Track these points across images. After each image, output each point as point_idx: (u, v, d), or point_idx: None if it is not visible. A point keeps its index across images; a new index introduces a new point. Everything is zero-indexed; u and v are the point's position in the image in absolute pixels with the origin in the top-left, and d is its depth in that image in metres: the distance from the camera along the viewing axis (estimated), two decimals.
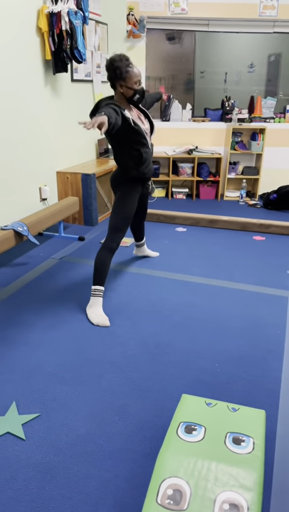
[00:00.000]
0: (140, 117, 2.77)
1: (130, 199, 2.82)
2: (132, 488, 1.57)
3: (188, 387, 2.10)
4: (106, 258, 2.75)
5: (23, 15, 3.49)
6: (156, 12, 5.31)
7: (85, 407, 1.96)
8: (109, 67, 2.54)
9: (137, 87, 2.59)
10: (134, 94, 2.60)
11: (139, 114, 2.79)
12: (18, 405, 1.96)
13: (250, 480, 1.35)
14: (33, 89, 3.78)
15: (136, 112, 2.76)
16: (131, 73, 2.53)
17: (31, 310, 2.80)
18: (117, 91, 2.62)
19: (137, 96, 2.61)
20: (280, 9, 5.26)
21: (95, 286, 2.75)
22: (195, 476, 1.36)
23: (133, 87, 2.58)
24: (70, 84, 4.40)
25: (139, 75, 2.57)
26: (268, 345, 2.47)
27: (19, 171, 3.75)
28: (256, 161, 5.88)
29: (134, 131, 2.61)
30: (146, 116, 2.81)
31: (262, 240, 4.25)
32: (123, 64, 2.51)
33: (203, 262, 3.64)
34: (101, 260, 2.74)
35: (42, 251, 3.80)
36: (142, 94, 2.62)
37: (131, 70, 2.54)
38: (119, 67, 2.51)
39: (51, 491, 1.55)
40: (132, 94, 2.60)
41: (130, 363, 2.28)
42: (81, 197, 4.39)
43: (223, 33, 5.68)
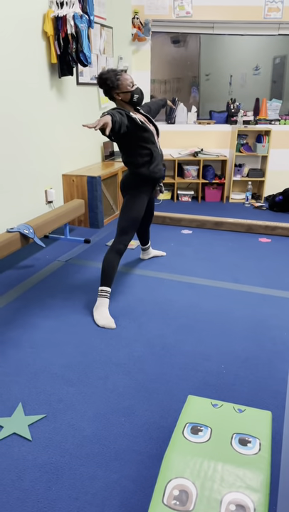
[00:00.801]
0: (146, 120, 2.81)
1: (139, 202, 2.84)
2: (138, 489, 1.57)
3: (194, 389, 2.10)
4: (114, 260, 2.77)
5: (28, 19, 3.52)
6: (161, 15, 5.33)
7: (91, 408, 1.96)
8: (101, 81, 2.64)
9: (132, 88, 2.66)
10: (132, 96, 2.67)
11: (144, 119, 2.82)
12: (25, 406, 1.97)
13: (257, 481, 1.35)
14: (39, 92, 3.80)
15: (141, 116, 2.80)
16: (121, 79, 2.62)
17: (37, 312, 2.81)
18: (117, 100, 2.71)
19: (136, 96, 2.68)
20: (285, 11, 5.26)
21: (102, 287, 2.76)
22: (201, 476, 1.36)
23: (128, 90, 2.65)
24: (75, 87, 4.42)
25: (130, 78, 2.65)
26: (274, 346, 2.46)
27: (25, 174, 3.78)
28: (262, 163, 5.88)
29: (142, 129, 2.67)
30: (150, 121, 2.86)
31: (268, 241, 4.24)
32: (111, 74, 2.61)
33: (209, 264, 3.63)
34: (109, 262, 2.76)
35: (48, 253, 3.82)
36: (140, 93, 2.69)
37: (120, 76, 2.62)
38: (109, 78, 2.60)
39: (58, 492, 1.55)
40: (130, 96, 2.67)
41: (136, 364, 2.28)
42: (87, 199, 4.40)
43: (228, 36, 5.69)
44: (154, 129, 2.84)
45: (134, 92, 2.66)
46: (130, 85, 2.65)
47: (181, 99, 5.83)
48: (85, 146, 4.80)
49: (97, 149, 5.11)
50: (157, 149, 2.82)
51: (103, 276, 2.77)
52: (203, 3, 5.26)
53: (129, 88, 2.65)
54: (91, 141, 4.92)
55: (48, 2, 3.73)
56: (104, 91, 2.68)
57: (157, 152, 2.81)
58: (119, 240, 2.80)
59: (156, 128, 2.86)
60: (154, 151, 2.77)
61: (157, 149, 2.82)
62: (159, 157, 2.83)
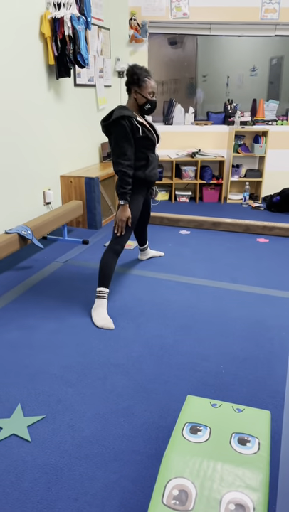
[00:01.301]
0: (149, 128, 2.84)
1: (135, 203, 2.85)
2: (138, 490, 1.57)
3: (193, 389, 2.10)
4: (111, 260, 2.78)
5: (26, 20, 3.53)
6: (158, 17, 5.35)
7: (90, 409, 1.96)
8: (129, 72, 2.68)
9: (150, 97, 2.70)
10: (145, 103, 2.72)
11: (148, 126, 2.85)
12: (24, 407, 1.97)
13: (256, 480, 1.35)
14: (37, 93, 3.81)
15: (145, 123, 2.84)
16: (147, 83, 2.66)
17: (36, 313, 2.81)
18: (131, 97, 2.74)
19: (148, 106, 2.73)
20: (282, 12, 5.28)
21: (99, 288, 2.77)
22: (200, 476, 1.36)
23: (146, 97, 2.69)
24: (73, 88, 4.43)
25: (154, 87, 2.70)
26: (272, 346, 2.47)
27: (23, 175, 3.78)
28: (259, 163, 5.89)
29: (144, 138, 2.70)
30: (153, 128, 2.91)
31: (265, 242, 4.25)
32: (142, 72, 2.65)
33: (207, 265, 3.64)
34: (106, 262, 2.77)
35: (46, 254, 3.82)
36: (153, 106, 2.74)
37: (148, 80, 2.66)
38: (138, 74, 2.65)
39: (57, 493, 1.55)
40: (144, 102, 2.71)
41: (135, 364, 2.29)
42: (85, 200, 4.41)
43: (225, 37, 5.71)
44: (156, 137, 2.89)
45: (149, 102, 2.71)
46: (151, 94, 2.70)
47: (178, 100, 5.84)
48: (83, 147, 4.81)
49: (95, 150, 5.12)
50: (154, 155, 2.87)
51: (101, 277, 2.77)
52: (200, 4, 5.28)
53: (148, 96, 2.69)
54: (89, 143, 4.93)
55: (45, 4, 3.74)
56: (126, 81, 2.73)
57: (154, 157, 2.85)
58: (116, 241, 2.80)
59: (157, 136, 2.92)
60: (151, 156, 2.81)
61: (154, 155, 2.87)
62: (155, 162, 2.87)
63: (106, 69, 5.10)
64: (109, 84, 5.25)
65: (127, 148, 2.64)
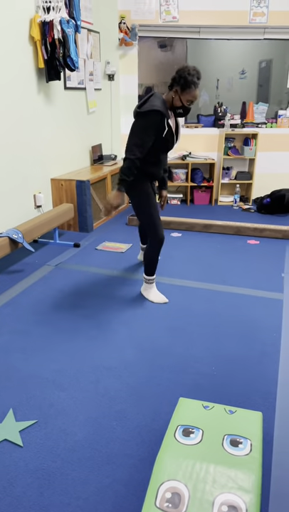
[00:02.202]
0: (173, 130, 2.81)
1: (143, 195, 2.84)
2: (131, 493, 1.57)
3: (186, 391, 2.11)
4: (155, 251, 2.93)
5: (15, 24, 3.52)
6: (148, 20, 5.37)
7: (83, 413, 1.96)
8: (180, 72, 2.60)
9: (187, 104, 2.68)
10: (179, 107, 2.69)
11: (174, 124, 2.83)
12: (15, 412, 1.95)
13: (249, 482, 1.36)
14: (27, 97, 3.80)
15: (173, 121, 2.79)
16: (191, 91, 2.61)
17: (27, 317, 2.80)
18: (170, 93, 2.68)
19: (180, 111, 2.71)
20: (270, 16, 5.33)
21: (148, 277, 3.03)
22: (193, 478, 1.36)
23: (184, 102, 2.66)
24: (63, 92, 4.42)
25: (195, 97, 2.66)
26: (264, 347, 2.48)
27: (13, 179, 3.76)
28: (249, 166, 5.93)
29: (164, 140, 2.69)
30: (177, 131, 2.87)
31: (256, 243, 4.27)
32: (192, 79, 2.58)
33: (199, 267, 3.65)
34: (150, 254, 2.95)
35: (37, 258, 3.80)
36: (185, 113, 2.73)
37: (193, 89, 2.61)
38: (186, 79, 2.57)
39: (49, 497, 1.54)
40: (179, 106, 2.68)
41: (127, 368, 2.28)
42: (76, 204, 4.40)
43: (214, 40, 5.75)
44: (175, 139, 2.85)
45: (183, 108, 2.68)
46: (188, 102, 2.66)
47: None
48: (74, 150, 4.80)
49: (86, 153, 5.12)
50: (165, 156, 2.88)
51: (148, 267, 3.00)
52: (190, 8, 5.31)
53: (185, 102, 2.66)
54: (80, 146, 4.92)
55: (34, 7, 3.73)
56: (173, 77, 2.65)
57: (163, 158, 2.86)
58: (153, 233, 2.88)
59: (177, 139, 2.87)
60: (162, 156, 2.83)
61: (165, 156, 2.88)
62: (163, 162, 2.88)
63: (96, 72, 5.11)
64: (99, 87, 5.26)
65: (145, 141, 2.63)
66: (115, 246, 4.13)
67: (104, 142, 5.62)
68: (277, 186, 5.87)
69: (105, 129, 5.60)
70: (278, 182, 5.93)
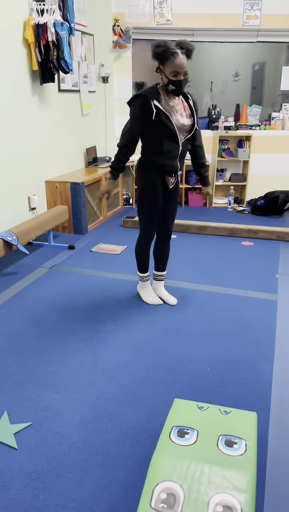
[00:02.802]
0: (181, 111, 2.57)
1: (146, 189, 2.70)
2: (126, 494, 1.56)
3: (181, 392, 2.11)
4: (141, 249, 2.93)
5: (9, 26, 3.52)
6: (142, 23, 5.39)
7: (78, 415, 1.95)
8: (155, 48, 2.41)
9: (172, 77, 2.41)
10: (168, 84, 2.45)
11: (185, 108, 2.59)
12: (10, 415, 1.95)
13: (243, 482, 1.36)
14: (21, 99, 3.80)
15: (181, 104, 2.57)
16: (172, 60, 2.37)
17: (22, 319, 2.79)
18: (159, 77, 2.52)
19: (172, 87, 2.44)
20: (263, 19, 5.36)
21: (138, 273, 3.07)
22: (188, 479, 1.36)
23: (169, 77, 2.42)
24: (57, 94, 4.43)
25: (179, 66, 2.38)
26: (258, 348, 2.49)
27: (7, 181, 3.76)
28: (243, 167, 5.95)
29: (158, 122, 2.48)
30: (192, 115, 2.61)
31: (250, 245, 4.29)
32: (170, 47, 2.37)
33: (193, 268, 3.66)
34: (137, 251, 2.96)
35: (32, 260, 3.80)
36: (177, 88, 2.44)
37: (173, 57, 2.37)
38: (163, 48, 2.37)
39: (45, 500, 1.54)
40: (167, 83, 2.46)
41: (122, 369, 2.29)
42: (70, 206, 4.40)
43: (208, 43, 5.77)
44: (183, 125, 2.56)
45: (172, 83, 2.43)
46: (173, 74, 2.40)
47: None
48: (68, 152, 4.80)
49: (80, 155, 5.12)
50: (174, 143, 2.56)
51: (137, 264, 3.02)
52: (183, 11, 5.34)
53: (170, 76, 2.41)
54: (74, 148, 4.92)
55: (28, 9, 3.74)
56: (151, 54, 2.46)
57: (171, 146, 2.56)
58: (141, 233, 2.88)
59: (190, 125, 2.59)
60: (167, 144, 2.54)
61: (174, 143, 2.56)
62: (172, 152, 2.58)
63: (90, 74, 5.11)
64: (93, 89, 5.27)
65: (132, 128, 2.53)
66: (110, 248, 4.13)
67: (99, 144, 5.62)
68: (271, 188, 5.90)
69: (100, 132, 5.61)
70: (272, 184, 5.97)
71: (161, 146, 2.55)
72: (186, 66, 2.42)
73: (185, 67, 2.41)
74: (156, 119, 2.48)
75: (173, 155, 2.61)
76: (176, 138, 2.56)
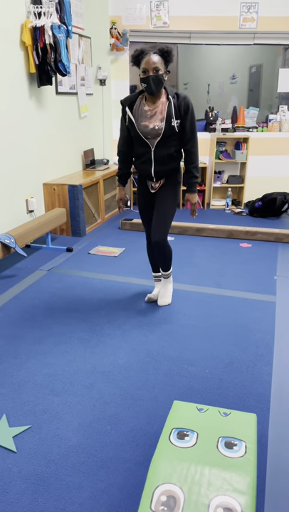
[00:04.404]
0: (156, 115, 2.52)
1: (138, 192, 2.86)
2: (126, 497, 1.56)
3: (180, 394, 2.10)
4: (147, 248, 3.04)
5: (6, 29, 3.52)
6: (139, 25, 5.40)
7: (77, 418, 1.94)
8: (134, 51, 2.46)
9: (142, 75, 2.43)
10: (141, 81, 2.45)
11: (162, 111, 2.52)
12: (9, 418, 1.94)
13: (244, 483, 1.35)
14: (18, 102, 3.80)
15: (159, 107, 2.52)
16: (143, 60, 2.40)
17: (20, 322, 2.78)
18: None
19: (143, 85, 2.44)
20: (260, 21, 5.38)
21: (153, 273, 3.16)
22: (188, 481, 1.36)
23: (140, 76, 2.45)
24: (54, 96, 4.43)
25: (146, 62, 2.38)
26: (257, 350, 2.49)
27: (5, 184, 3.75)
28: (241, 169, 5.96)
29: (131, 128, 2.59)
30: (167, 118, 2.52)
31: (248, 246, 4.29)
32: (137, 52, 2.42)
33: (192, 270, 3.66)
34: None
35: (30, 263, 3.79)
36: (147, 85, 2.42)
37: (144, 57, 2.40)
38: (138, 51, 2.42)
39: (44, 503, 1.53)
40: (140, 81, 2.46)
41: (121, 372, 2.28)
42: (68, 208, 4.40)
43: (204, 46, 5.79)
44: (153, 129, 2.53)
45: (141, 80, 2.44)
46: (142, 71, 2.41)
47: None
48: (66, 154, 4.80)
49: (78, 158, 5.12)
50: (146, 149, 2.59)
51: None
52: (180, 13, 5.35)
53: (141, 75, 2.43)
54: (72, 150, 4.92)
55: (25, 12, 3.74)
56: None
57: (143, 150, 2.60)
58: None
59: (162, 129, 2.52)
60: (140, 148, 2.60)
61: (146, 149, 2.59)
62: (144, 156, 2.61)
63: (87, 77, 5.12)
64: (91, 92, 5.27)
65: (120, 133, 2.68)
66: (108, 250, 4.13)
67: (96, 147, 5.63)
68: (269, 190, 5.92)
69: (97, 134, 5.61)
70: (270, 185, 5.98)
71: (138, 150, 2.65)
72: (157, 63, 2.40)
73: (153, 63, 2.39)
74: (128, 124, 2.59)
75: (145, 159, 2.63)
76: (145, 142, 2.58)
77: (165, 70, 2.48)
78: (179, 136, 2.60)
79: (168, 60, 2.47)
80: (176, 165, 2.71)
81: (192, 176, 2.72)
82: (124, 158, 2.74)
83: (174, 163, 2.67)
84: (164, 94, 2.55)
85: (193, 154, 2.65)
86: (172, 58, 2.51)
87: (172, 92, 2.55)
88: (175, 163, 2.69)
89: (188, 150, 2.65)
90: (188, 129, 2.57)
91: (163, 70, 2.45)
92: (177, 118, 2.53)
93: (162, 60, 2.44)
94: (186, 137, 2.60)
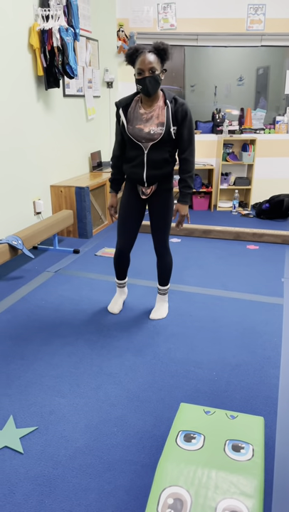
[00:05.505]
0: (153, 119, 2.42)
1: (124, 198, 2.70)
2: (132, 500, 1.55)
3: (187, 397, 2.10)
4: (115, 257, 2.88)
5: (15, 32, 3.55)
6: (146, 28, 5.41)
7: (83, 419, 1.95)
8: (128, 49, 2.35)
9: (137, 76, 2.31)
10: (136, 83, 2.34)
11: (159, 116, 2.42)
12: (16, 419, 1.94)
13: (251, 487, 1.35)
14: (26, 104, 3.82)
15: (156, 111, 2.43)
16: (138, 59, 2.28)
17: (27, 323, 2.79)
18: None
19: (139, 87, 2.34)
20: (267, 23, 5.37)
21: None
22: (195, 484, 1.35)
23: (136, 77, 2.32)
24: (62, 99, 4.45)
25: (141, 62, 2.27)
26: (264, 352, 2.48)
27: (13, 186, 3.77)
28: (248, 171, 5.95)
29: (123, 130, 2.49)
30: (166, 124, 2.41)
31: (255, 248, 4.28)
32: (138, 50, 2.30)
33: (198, 272, 3.65)
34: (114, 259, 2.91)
35: (37, 264, 3.80)
36: (143, 86, 2.32)
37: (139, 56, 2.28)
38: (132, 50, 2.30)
39: (51, 505, 1.53)
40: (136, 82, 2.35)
41: (128, 373, 2.28)
42: (75, 210, 4.41)
43: (212, 48, 5.79)
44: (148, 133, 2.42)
45: (137, 82, 2.32)
46: (137, 72, 2.30)
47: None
48: (73, 157, 4.82)
49: (85, 160, 5.13)
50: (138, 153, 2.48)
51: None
52: (187, 15, 5.36)
53: (136, 75, 2.31)
54: (79, 152, 4.94)
55: (33, 15, 3.77)
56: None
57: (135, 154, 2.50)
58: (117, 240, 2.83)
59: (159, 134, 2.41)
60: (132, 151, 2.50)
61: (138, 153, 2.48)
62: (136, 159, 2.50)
63: (95, 79, 5.14)
64: (98, 94, 5.29)
65: (116, 137, 2.59)
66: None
67: (103, 149, 5.64)
68: (276, 191, 5.90)
69: (104, 136, 5.63)
70: (277, 187, 5.96)
71: (130, 153, 2.53)
72: (153, 63, 2.27)
73: (149, 63, 2.26)
74: (121, 126, 2.48)
75: (137, 162, 2.51)
76: (138, 145, 2.46)
77: (161, 69, 2.34)
78: (174, 142, 2.50)
79: (164, 59, 2.33)
80: (170, 170, 2.57)
81: (187, 186, 2.56)
82: (118, 163, 2.63)
83: (168, 167, 2.54)
84: (162, 98, 2.44)
85: (190, 163, 2.52)
86: (169, 56, 2.34)
87: (170, 97, 2.44)
88: (169, 168, 2.55)
89: (185, 159, 2.51)
90: (186, 137, 2.46)
91: (159, 69, 2.31)
92: (174, 124, 2.42)
93: (158, 58, 2.30)
94: (183, 146, 2.48)
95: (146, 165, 2.50)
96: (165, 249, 2.75)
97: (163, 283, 2.88)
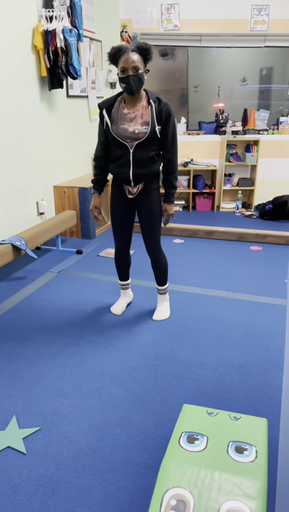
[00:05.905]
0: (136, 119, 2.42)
1: (112, 198, 2.70)
2: (135, 501, 1.55)
3: (190, 398, 2.09)
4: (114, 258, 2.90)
5: (18, 33, 3.56)
6: (149, 29, 5.41)
7: (86, 420, 1.94)
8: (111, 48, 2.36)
9: (121, 75, 2.32)
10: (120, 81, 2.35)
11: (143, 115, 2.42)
12: (19, 419, 1.95)
13: (254, 488, 1.34)
14: (30, 105, 3.82)
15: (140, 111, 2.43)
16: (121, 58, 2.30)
17: (30, 324, 2.80)
18: None
19: (122, 85, 2.35)
20: (271, 24, 5.37)
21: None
22: (198, 485, 1.35)
23: (119, 76, 2.34)
24: (65, 100, 4.45)
25: (125, 61, 2.29)
26: (268, 354, 2.47)
27: (16, 186, 3.78)
28: (251, 172, 5.94)
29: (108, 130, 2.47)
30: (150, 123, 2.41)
31: (259, 249, 4.27)
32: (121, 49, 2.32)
33: (201, 273, 3.65)
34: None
35: (40, 265, 3.81)
36: (126, 85, 2.33)
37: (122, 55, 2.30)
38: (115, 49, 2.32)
39: (53, 505, 1.53)
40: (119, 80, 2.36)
41: (131, 374, 2.28)
42: (78, 210, 4.41)
43: (215, 48, 5.79)
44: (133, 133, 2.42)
45: (120, 80, 2.34)
46: (121, 70, 2.31)
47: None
48: (76, 157, 4.82)
49: (88, 160, 5.14)
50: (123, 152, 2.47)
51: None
52: (191, 16, 5.36)
53: (120, 74, 2.32)
54: (82, 153, 4.95)
55: (37, 16, 3.77)
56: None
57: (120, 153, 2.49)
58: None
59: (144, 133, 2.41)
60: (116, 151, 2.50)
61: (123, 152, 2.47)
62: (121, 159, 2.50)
63: (98, 80, 5.14)
64: (101, 95, 5.29)
65: (98, 138, 2.56)
66: None
67: None
68: (280, 192, 5.88)
69: None
70: (280, 188, 5.94)
71: (115, 152, 2.53)
72: (136, 62, 2.29)
73: (132, 61, 2.28)
74: (105, 127, 2.48)
75: (123, 161, 2.50)
76: (123, 144, 2.46)
77: (144, 68, 2.37)
78: (159, 141, 2.51)
79: (147, 58, 2.36)
80: (157, 168, 2.57)
81: (171, 186, 2.62)
82: (101, 163, 2.63)
83: (154, 166, 2.54)
84: (145, 98, 2.45)
85: (173, 164, 2.57)
86: (151, 56, 2.38)
87: (153, 96, 2.47)
88: (156, 166, 2.55)
89: (169, 159, 2.55)
90: (169, 137, 2.49)
91: (142, 68, 2.34)
92: (158, 124, 2.45)
93: (141, 58, 2.33)
94: (166, 146, 2.51)
95: (132, 164, 2.50)
96: (156, 249, 2.75)
97: (161, 283, 2.90)
